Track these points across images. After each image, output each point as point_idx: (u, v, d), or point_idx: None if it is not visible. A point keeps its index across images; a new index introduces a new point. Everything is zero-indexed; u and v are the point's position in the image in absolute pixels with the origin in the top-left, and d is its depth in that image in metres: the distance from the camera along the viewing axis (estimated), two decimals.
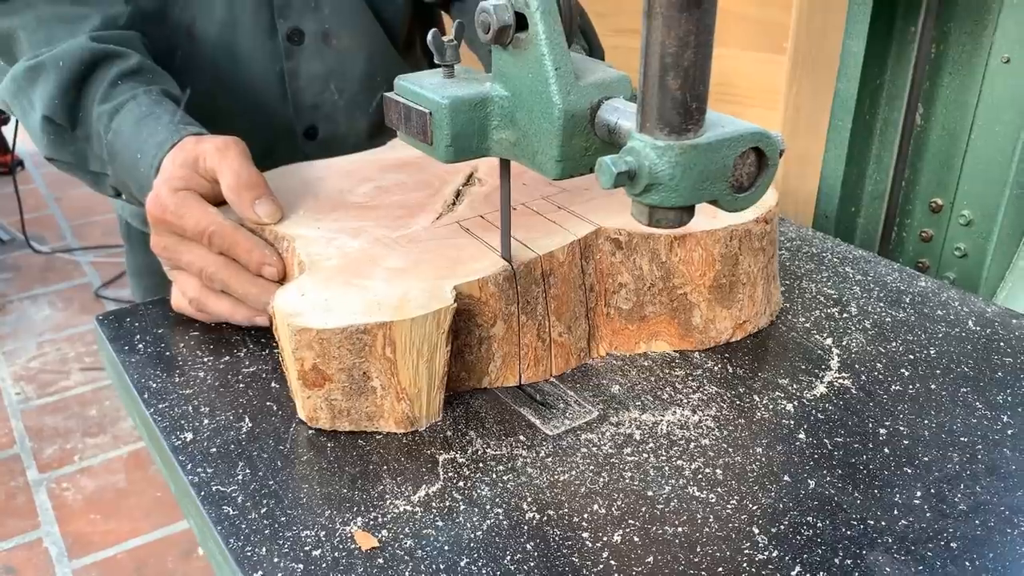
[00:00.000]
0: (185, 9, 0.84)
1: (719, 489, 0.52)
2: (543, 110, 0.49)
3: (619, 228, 0.63)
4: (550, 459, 0.55)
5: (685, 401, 0.60)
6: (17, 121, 2.87)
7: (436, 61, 0.53)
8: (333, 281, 0.58)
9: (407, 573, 0.46)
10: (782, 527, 0.49)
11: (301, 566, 0.47)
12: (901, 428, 0.57)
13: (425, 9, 1.02)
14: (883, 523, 0.49)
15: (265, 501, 0.51)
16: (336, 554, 0.47)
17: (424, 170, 0.76)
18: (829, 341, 0.67)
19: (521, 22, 0.48)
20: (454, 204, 0.70)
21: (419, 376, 0.56)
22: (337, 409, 0.56)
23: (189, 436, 0.57)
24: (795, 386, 0.61)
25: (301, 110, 0.90)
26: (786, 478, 0.53)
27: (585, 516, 0.50)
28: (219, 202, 0.67)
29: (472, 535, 0.49)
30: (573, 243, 0.62)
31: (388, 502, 0.51)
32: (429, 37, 0.52)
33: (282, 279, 0.65)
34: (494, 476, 0.53)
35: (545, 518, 0.50)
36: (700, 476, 0.53)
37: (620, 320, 0.65)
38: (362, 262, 0.61)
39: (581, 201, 0.69)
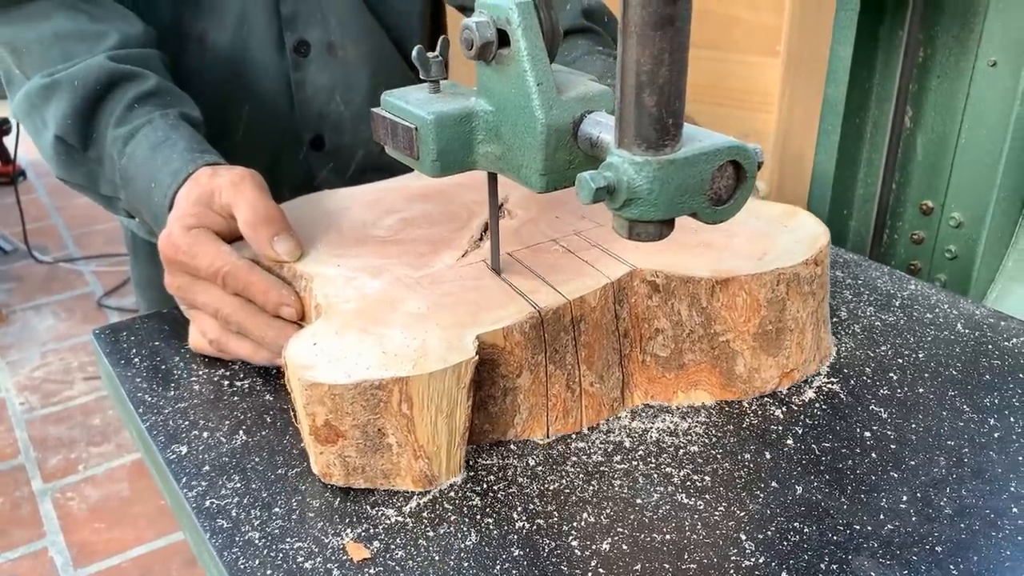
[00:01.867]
0: (197, 19, 0.84)
1: (707, 496, 0.52)
2: (526, 124, 0.49)
3: (656, 270, 0.58)
4: (540, 468, 0.55)
5: (675, 407, 0.61)
6: (19, 132, 2.89)
7: (421, 76, 0.54)
8: (349, 328, 0.55)
9: None
10: (769, 533, 0.49)
11: None
12: (888, 432, 0.57)
13: (444, 27, 1.03)
14: (869, 528, 0.50)
15: (259, 513, 0.52)
16: (328, 565, 0.48)
17: (452, 200, 0.73)
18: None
19: (503, 38, 0.49)
20: (481, 239, 0.66)
21: (438, 433, 0.52)
22: (351, 466, 0.53)
23: (184, 449, 0.58)
24: (784, 391, 0.62)
25: (308, 120, 0.91)
26: (774, 484, 0.53)
27: (575, 525, 0.51)
28: (235, 238, 0.65)
29: (462, 545, 0.49)
30: (606, 286, 0.58)
31: (379, 513, 0.52)
32: (414, 53, 0.53)
33: (302, 318, 0.62)
34: (485, 486, 0.54)
35: (535, 527, 0.50)
36: (688, 483, 0.54)
37: (657, 368, 0.60)
38: (381, 306, 0.57)
39: (616, 237, 0.62)
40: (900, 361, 0.65)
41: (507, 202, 0.72)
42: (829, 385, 0.62)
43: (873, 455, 0.55)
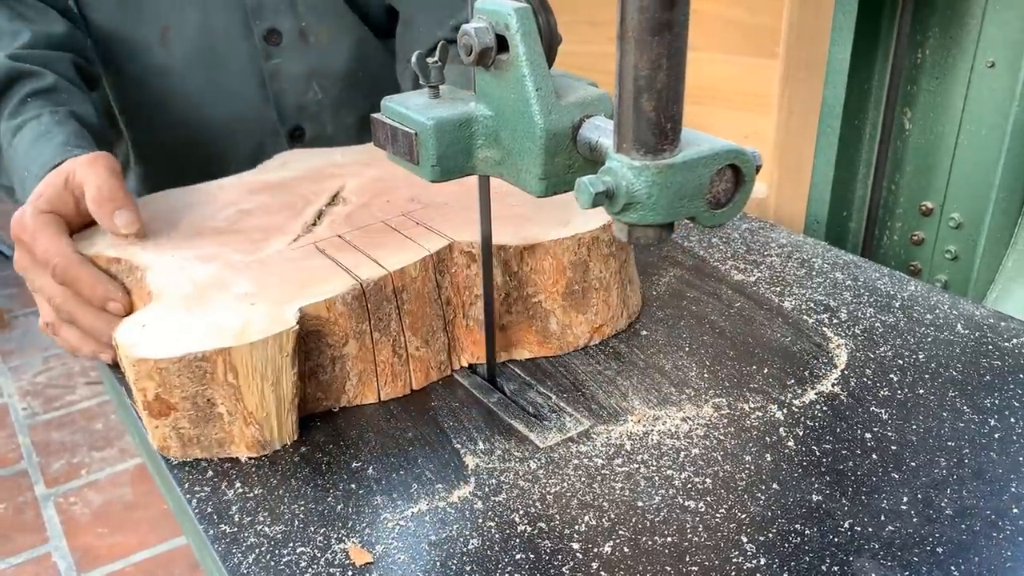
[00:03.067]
0: (157, 16, 0.84)
1: (708, 498, 0.53)
2: (526, 130, 0.50)
3: (471, 242, 0.63)
4: (542, 471, 0.55)
5: (676, 411, 0.61)
6: None
7: (421, 83, 0.54)
8: (177, 310, 0.58)
9: None
10: (770, 535, 0.50)
11: None
12: (889, 434, 0.57)
13: None
14: (870, 529, 0.50)
15: (261, 518, 0.52)
16: (331, 570, 0.48)
17: (290, 191, 0.76)
18: (819, 347, 0.67)
19: (502, 44, 0.49)
20: (314, 225, 0.70)
21: (266, 400, 0.56)
22: (186, 437, 0.56)
23: None
24: (785, 394, 0.62)
25: (285, 112, 0.90)
26: (775, 486, 0.53)
27: (576, 528, 0.51)
28: (88, 222, 0.69)
29: (464, 549, 0.49)
30: (426, 258, 0.62)
31: (382, 518, 0.52)
32: (413, 59, 0.53)
33: (130, 313, 0.64)
34: (486, 490, 0.54)
35: (536, 531, 0.51)
36: (690, 486, 0.54)
37: (480, 331, 0.65)
38: (210, 288, 0.61)
39: (442, 216, 0.69)
40: (900, 362, 0.65)
41: (343, 190, 0.76)
42: (830, 387, 0.63)
43: (874, 456, 0.55)
